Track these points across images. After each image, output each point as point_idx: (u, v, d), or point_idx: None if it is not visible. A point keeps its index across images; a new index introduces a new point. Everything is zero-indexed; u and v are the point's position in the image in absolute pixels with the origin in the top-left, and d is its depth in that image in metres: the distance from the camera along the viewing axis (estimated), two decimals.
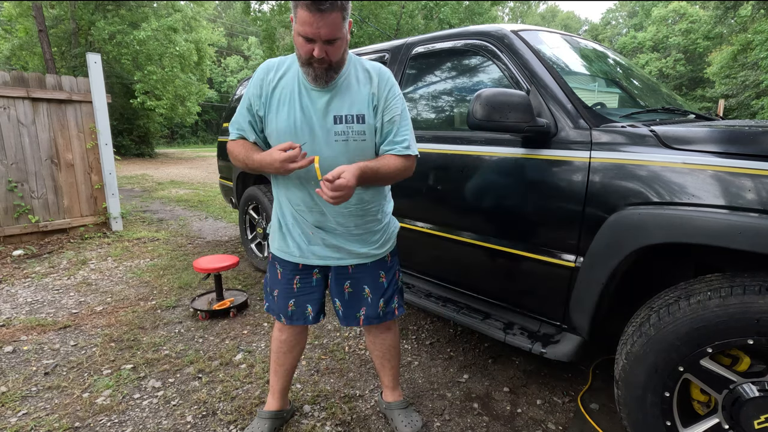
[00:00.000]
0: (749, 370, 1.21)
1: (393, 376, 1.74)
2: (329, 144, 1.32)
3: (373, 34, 15.57)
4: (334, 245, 1.46)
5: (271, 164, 1.26)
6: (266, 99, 1.33)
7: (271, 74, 1.33)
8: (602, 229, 1.41)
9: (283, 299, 1.53)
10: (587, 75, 2.25)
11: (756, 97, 18.68)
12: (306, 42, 1.18)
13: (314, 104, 1.31)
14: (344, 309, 1.55)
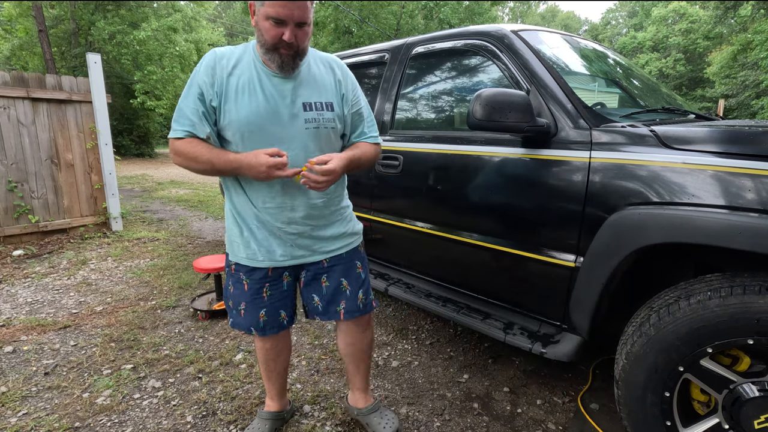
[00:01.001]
0: (749, 370, 1.20)
1: (367, 378, 1.70)
2: (298, 131, 1.28)
3: (373, 34, 15.57)
4: (305, 242, 1.41)
5: (254, 167, 1.20)
6: (221, 87, 1.22)
7: (224, 61, 1.24)
8: (602, 229, 1.41)
9: (253, 311, 1.43)
10: (587, 75, 2.25)
11: (756, 97, 18.68)
12: (275, 25, 1.16)
13: (279, 91, 1.26)
14: (323, 304, 1.48)
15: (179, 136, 1.22)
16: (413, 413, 1.81)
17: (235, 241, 1.40)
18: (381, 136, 2.30)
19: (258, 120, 1.23)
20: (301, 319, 2.67)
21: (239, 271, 1.42)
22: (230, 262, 1.45)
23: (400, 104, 2.31)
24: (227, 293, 1.49)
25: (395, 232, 2.25)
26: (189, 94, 1.22)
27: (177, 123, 1.23)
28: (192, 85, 1.23)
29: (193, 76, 1.23)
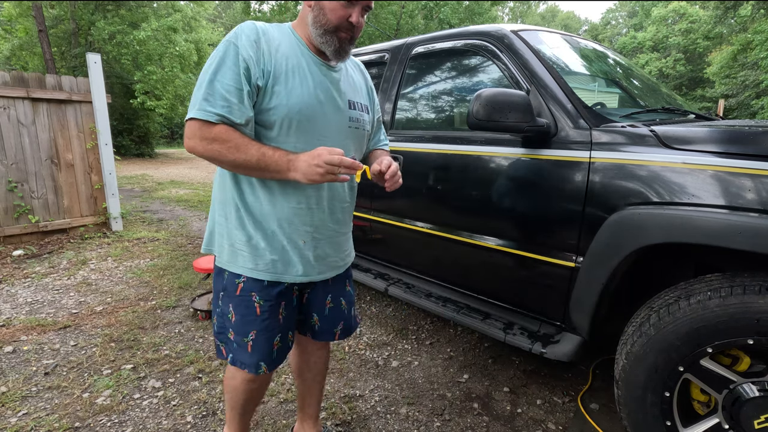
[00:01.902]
0: (749, 370, 1.21)
1: (320, 402, 1.56)
2: (341, 130, 1.16)
3: (373, 34, 15.56)
4: (326, 251, 1.23)
5: (311, 167, 1.00)
6: (269, 65, 1.03)
7: (269, 35, 1.06)
8: (602, 229, 1.41)
9: (266, 340, 1.16)
10: (587, 75, 2.25)
11: (756, 97, 18.67)
12: (345, 5, 1.05)
13: (331, 82, 1.13)
14: (321, 324, 1.33)
15: (211, 119, 0.98)
16: (413, 413, 1.81)
17: (240, 250, 1.13)
18: None
19: (308, 109, 1.08)
20: None
21: (250, 290, 1.13)
22: (234, 278, 1.14)
23: (400, 104, 2.31)
24: (223, 323, 1.17)
25: (395, 232, 2.25)
26: (226, 70, 0.99)
27: (207, 103, 0.98)
28: (230, 58, 1.00)
29: (228, 49, 1.00)
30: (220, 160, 1.03)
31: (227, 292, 1.16)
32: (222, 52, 1.00)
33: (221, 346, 1.22)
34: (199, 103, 0.99)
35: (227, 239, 1.15)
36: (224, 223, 1.16)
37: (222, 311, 1.18)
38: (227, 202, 1.15)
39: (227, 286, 1.16)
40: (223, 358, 1.22)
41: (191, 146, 1.02)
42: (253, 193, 1.12)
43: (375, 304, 2.90)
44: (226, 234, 1.15)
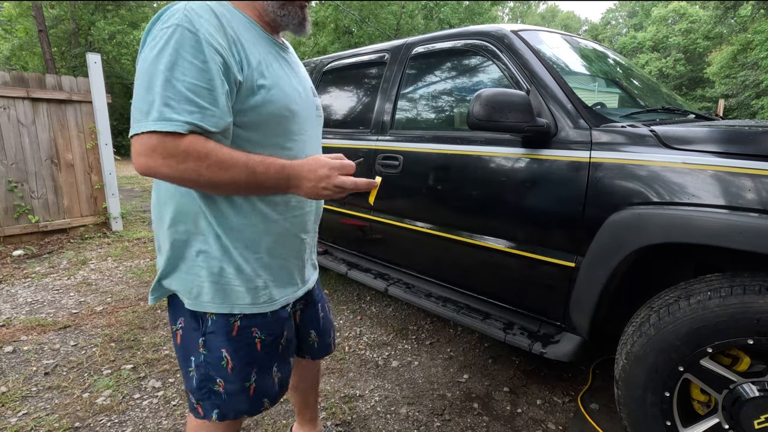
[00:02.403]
0: (749, 370, 1.21)
1: (317, 404, 1.49)
2: (312, 121, 1.00)
3: (373, 34, 15.57)
4: (311, 256, 1.11)
5: (312, 182, 0.85)
6: (242, 52, 0.83)
7: (226, 16, 0.84)
8: (602, 229, 1.41)
9: (267, 376, 0.99)
10: (587, 75, 2.25)
11: (756, 97, 18.67)
12: None
13: (290, 65, 0.98)
14: (319, 339, 1.22)
15: (180, 130, 0.73)
16: (413, 413, 1.81)
17: (231, 285, 0.91)
18: (381, 135, 2.31)
19: (294, 103, 0.92)
20: None
21: (250, 327, 0.95)
22: (225, 319, 0.92)
23: (400, 104, 2.31)
24: (209, 373, 0.93)
25: (395, 232, 2.25)
26: (187, 64, 0.75)
27: (170, 109, 0.73)
28: (188, 49, 0.75)
29: (183, 38, 0.75)
30: (194, 182, 0.78)
31: (215, 336, 0.92)
32: (174, 42, 0.75)
33: (199, 404, 0.95)
34: (158, 110, 0.73)
35: (207, 276, 0.90)
36: (195, 258, 0.89)
37: (206, 360, 0.93)
38: (197, 230, 0.89)
39: (214, 330, 0.92)
40: (203, 418, 0.96)
41: (149, 166, 0.74)
42: (237, 212, 0.90)
43: (375, 304, 2.90)
44: (205, 269, 0.89)
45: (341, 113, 2.75)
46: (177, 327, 0.95)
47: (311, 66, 3.08)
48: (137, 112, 0.75)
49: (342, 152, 2.57)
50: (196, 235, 0.89)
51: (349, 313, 2.77)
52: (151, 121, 0.73)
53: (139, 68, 0.76)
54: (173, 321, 0.97)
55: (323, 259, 2.87)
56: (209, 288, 0.91)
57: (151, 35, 0.77)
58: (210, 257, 0.90)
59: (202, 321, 0.93)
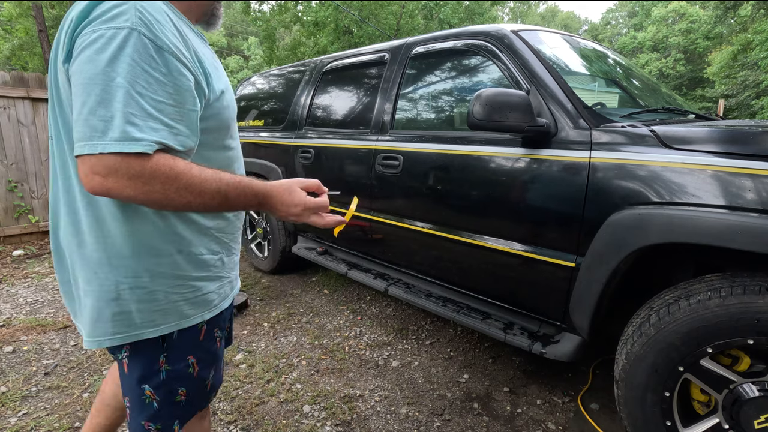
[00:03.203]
0: (749, 370, 1.21)
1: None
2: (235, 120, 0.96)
3: (373, 34, 15.57)
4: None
5: (286, 205, 0.86)
6: (197, 57, 0.78)
7: (174, 18, 0.76)
8: (602, 229, 1.41)
9: (219, 368, 0.99)
10: (587, 75, 2.25)
11: (756, 97, 18.67)
12: None
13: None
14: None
15: (148, 150, 0.67)
16: (413, 413, 1.81)
17: (193, 298, 0.87)
18: (381, 135, 2.31)
19: (232, 119, 0.91)
20: (302, 318, 2.67)
21: (213, 328, 0.94)
22: (191, 330, 0.88)
23: (400, 104, 2.31)
24: (178, 381, 0.88)
25: (395, 232, 2.25)
26: (148, 78, 0.68)
27: (134, 127, 0.66)
28: (147, 58, 0.68)
29: (139, 45, 0.67)
30: (159, 204, 0.71)
31: (181, 346, 0.87)
32: (131, 49, 0.66)
33: (157, 428, 0.89)
34: (120, 129, 0.65)
35: (163, 300, 0.82)
36: (150, 284, 0.80)
37: (170, 376, 0.87)
38: (150, 252, 0.79)
39: (181, 341, 0.87)
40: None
41: (108, 188, 0.66)
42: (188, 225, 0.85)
43: (375, 304, 2.90)
44: (161, 294, 0.82)
45: (341, 113, 2.75)
46: (122, 356, 0.85)
47: (311, 66, 3.08)
48: (88, 128, 0.65)
49: (342, 152, 2.55)
50: (145, 260, 0.80)
51: (349, 313, 2.77)
52: (111, 140, 0.65)
53: (84, 71, 0.66)
54: (114, 351, 0.86)
55: (323, 259, 2.87)
56: (171, 309, 0.84)
57: (92, 32, 0.66)
58: (168, 280, 0.82)
59: (163, 339, 0.85)
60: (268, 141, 3.27)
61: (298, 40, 17.68)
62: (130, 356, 0.85)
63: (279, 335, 2.47)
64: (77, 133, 0.66)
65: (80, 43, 0.67)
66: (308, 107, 2.94)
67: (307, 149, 2.80)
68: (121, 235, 0.77)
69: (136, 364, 0.85)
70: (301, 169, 2.88)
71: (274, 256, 3.36)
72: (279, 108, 3.28)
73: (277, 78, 3.52)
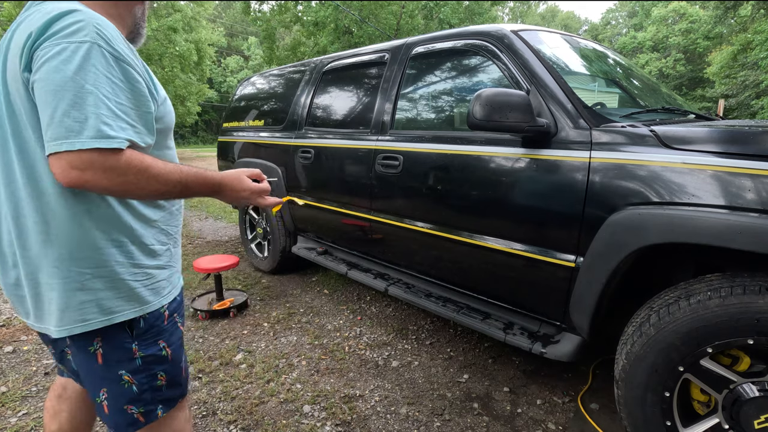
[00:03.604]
0: (749, 370, 1.21)
1: None
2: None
3: (373, 34, 15.57)
4: None
5: (237, 191, 1.00)
6: (144, 68, 0.89)
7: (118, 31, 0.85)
8: (602, 229, 1.41)
9: (182, 353, 1.06)
10: (587, 75, 2.25)
11: (756, 97, 18.67)
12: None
13: None
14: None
15: (121, 146, 0.77)
16: (413, 413, 1.81)
17: (156, 280, 0.96)
18: (381, 135, 2.31)
19: (172, 125, 1.03)
20: (302, 318, 2.67)
21: (173, 313, 1.02)
22: (156, 314, 0.96)
23: (400, 104, 2.31)
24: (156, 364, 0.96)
25: (395, 232, 2.25)
26: (110, 84, 0.78)
27: (108, 127, 0.76)
28: (107, 67, 0.78)
29: (102, 56, 0.77)
30: (131, 193, 0.82)
31: (150, 333, 0.95)
32: (95, 60, 0.76)
33: (141, 411, 0.95)
34: (95, 128, 0.74)
35: (124, 287, 0.89)
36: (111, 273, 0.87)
37: (145, 361, 0.94)
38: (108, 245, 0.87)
39: (147, 328, 0.94)
40: (145, 424, 0.97)
41: (85, 180, 0.75)
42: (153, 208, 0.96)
43: (375, 304, 2.90)
44: (122, 282, 0.89)
45: (341, 113, 2.75)
46: (95, 348, 0.90)
47: (311, 66, 3.08)
48: (63, 128, 0.73)
49: (342, 152, 2.57)
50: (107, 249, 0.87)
51: (349, 313, 2.77)
52: (87, 138, 0.74)
53: (52, 80, 0.73)
54: (85, 345, 0.90)
55: (323, 259, 2.87)
56: (141, 290, 0.92)
57: (55, 44, 0.74)
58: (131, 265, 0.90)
59: (131, 327, 0.92)
60: (268, 141, 3.27)
61: (298, 40, 17.68)
62: (103, 346, 0.91)
63: (279, 335, 2.47)
64: (52, 133, 0.74)
65: (42, 54, 0.75)
66: (308, 107, 2.94)
67: (307, 149, 2.80)
68: (79, 231, 0.84)
69: (110, 352, 0.91)
70: (301, 169, 2.88)
71: (274, 256, 3.36)
72: (279, 108, 3.28)
73: (277, 78, 3.53)
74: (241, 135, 3.67)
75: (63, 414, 1.15)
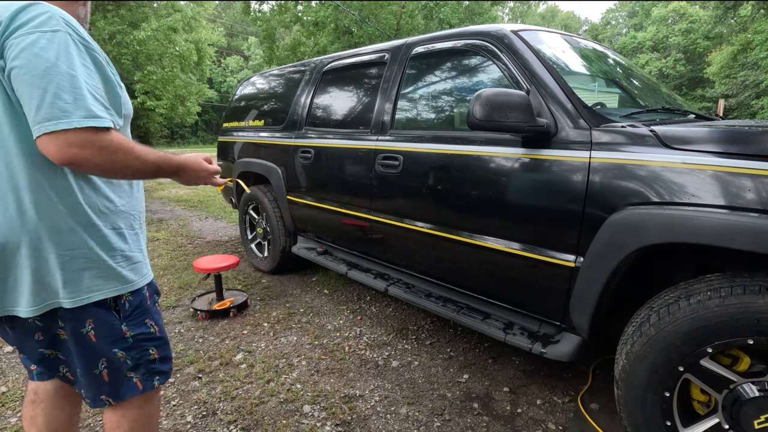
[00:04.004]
0: (749, 370, 1.21)
1: None
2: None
3: (373, 34, 15.57)
4: None
5: (197, 172, 1.08)
6: (105, 57, 0.94)
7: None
8: (602, 229, 1.41)
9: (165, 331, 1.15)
10: (587, 75, 2.25)
11: (756, 97, 18.67)
12: None
13: None
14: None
15: (110, 125, 0.85)
16: (413, 413, 1.81)
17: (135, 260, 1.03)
18: (381, 135, 2.31)
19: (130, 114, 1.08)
20: (302, 318, 2.67)
21: (152, 294, 1.11)
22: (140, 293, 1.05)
23: (400, 104, 2.31)
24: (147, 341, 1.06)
25: (395, 232, 2.25)
26: (85, 68, 0.85)
27: (95, 107, 0.83)
28: (79, 53, 0.84)
29: (73, 42, 0.83)
30: (117, 171, 0.90)
31: (137, 313, 1.04)
32: (72, 48, 0.83)
33: (138, 378, 1.05)
34: (86, 108, 0.81)
35: (102, 267, 0.96)
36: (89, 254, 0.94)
37: (137, 338, 1.03)
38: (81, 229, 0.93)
39: (132, 309, 1.03)
40: (142, 392, 1.05)
41: (82, 157, 0.81)
42: (121, 195, 1.02)
43: (375, 304, 2.90)
44: (117, 253, 0.98)
45: (341, 113, 2.75)
46: (87, 329, 0.97)
47: (311, 66, 3.08)
48: (56, 110, 0.79)
49: (342, 152, 2.56)
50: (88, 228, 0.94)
51: (349, 313, 2.77)
52: (80, 118, 0.80)
53: (35, 66, 0.78)
54: (77, 326, 0.96)
55: (323, 259, 2.87)
56: (124, 268, 1.00)
57: (28, 34, 0.79)
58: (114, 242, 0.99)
59: (118, 310, 1.01)
60: (268, 141, 3.27)
61: (298, 40, 17.68)
62: (95, 327, 0.98)
63: (279, 335, 2.47)
64: (45, 114, 0.78)
65: (17, 43, 0.79)
66: (308, 107, 2.94)
67: (307, 149, 2.80)
68: (56, 215, 0.90)
69: (101, 332, 0.99)
70: (301, 169, 2.88)
71: (274, 256, 3.36)
72: (279, 108, 3.28)
73: (277, 78, 3.53)
74: (241, 135, 3.67)
75: (39, 418, 1.17)
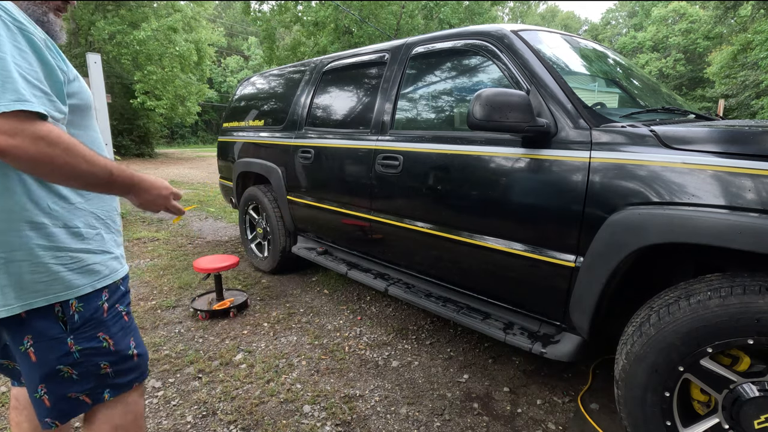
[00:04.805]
0: (749, 370, 1.21)
1: None
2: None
3: (373, 34, 15.57)
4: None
5: (156, 189, 1.01)
6: (50, 42, 0.88)
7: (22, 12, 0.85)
8: (602, 229, 1.41)
9: (131, 341, 1.06)
10: (587, 75, 2.25)
11: (756, 97, 18.66)
12: None
13: None
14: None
15: (42, 111, 0.76)
16: (413, 413, 1.81)
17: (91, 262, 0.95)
18: (381, 135, 2.31)
19: (91, 107, 1.03)
20: (302, 318, 2.67)
21: (114, 304, 1.01)
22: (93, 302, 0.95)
23: (400, 104, 2.31)
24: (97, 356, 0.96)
25: (395, 232, 2.25)
26: (29, 54, 0.79)
27: (26, 92, 0.75)
28: (27, 40, 0.79)
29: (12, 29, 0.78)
30: (57, 171, 0.79)
31: (89, 326, 0.94)
32: (6, 33, 0.76)
33: (86, 394, 0.96)
34: (15, 91, 0.73)
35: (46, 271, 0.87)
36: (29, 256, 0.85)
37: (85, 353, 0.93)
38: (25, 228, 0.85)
39: (84, 322, 0.93)
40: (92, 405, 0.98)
41: (12, 146, 0.72)
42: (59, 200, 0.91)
43: (375, 304, 2.90)
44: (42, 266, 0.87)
45: (341, 113, 2.75)
46: (26, 346, 0.88)
47: (311, 66, 3.08)
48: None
49: (342, 152, 2.56)
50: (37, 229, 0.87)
51: (349, 313, 2.77)
52: (9, 101, 0.72)
53: None
54: (16, 342, 0.89)
55: (323, 259, 2.87)
56: (72, 275, 0.91)
57: None
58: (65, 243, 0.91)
59: (65, 321, 0.91)
60: (268, 141, 3.27)
61: (298, 40, 17.68)
62: (34, 344, 0.89)
63: (279, 335, 2.47)
64: None
65: None
66: (308, 107, 2.94)
67: (307, 149, 2.80)
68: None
69: (42, 349, 0.89)
70: (301, 169, 2.88)
71: (274, 256, 3.36)
72: (279, 108, 3.28)
73: (277, 78, 3.52)
74: (241, 135, 3.67)
75: (24, 424, 1.14)
